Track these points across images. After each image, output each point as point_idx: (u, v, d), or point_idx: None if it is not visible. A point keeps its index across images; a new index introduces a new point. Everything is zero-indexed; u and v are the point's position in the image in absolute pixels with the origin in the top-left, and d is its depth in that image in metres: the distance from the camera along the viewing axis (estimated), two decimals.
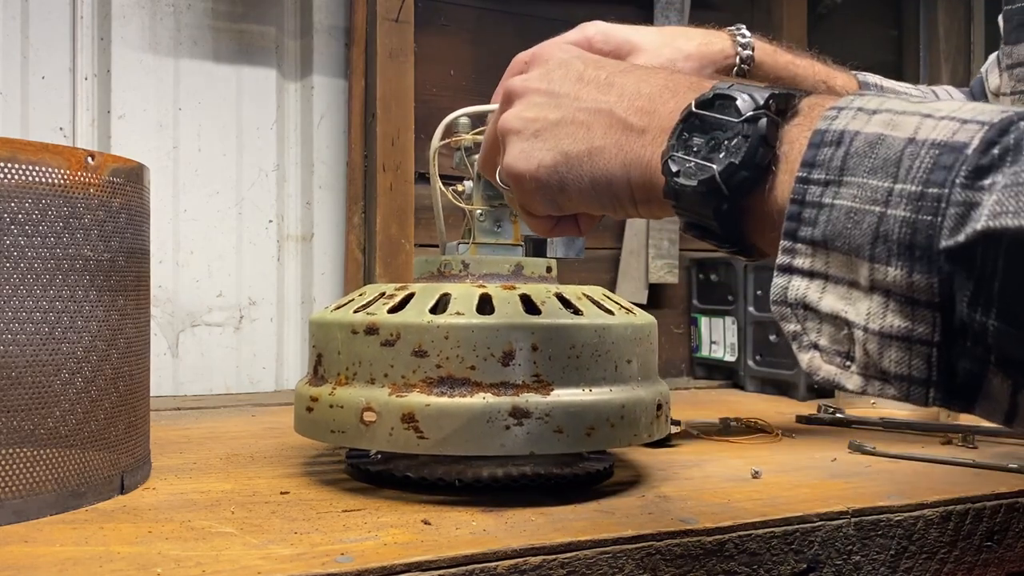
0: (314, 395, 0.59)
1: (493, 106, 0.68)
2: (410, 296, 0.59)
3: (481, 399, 0.54)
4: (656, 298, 1.40)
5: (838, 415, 0.96)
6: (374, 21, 1.19)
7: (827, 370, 0.34)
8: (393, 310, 0.58)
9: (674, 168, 0.38)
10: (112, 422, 0.55)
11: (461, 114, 0.69)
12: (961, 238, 0.29)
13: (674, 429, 0.83)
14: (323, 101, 1.24)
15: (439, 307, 0.58)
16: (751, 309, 1.28)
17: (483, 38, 1.32)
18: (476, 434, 0.54)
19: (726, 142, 0.37)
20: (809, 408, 1.05)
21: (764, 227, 0.37)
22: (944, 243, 0.29)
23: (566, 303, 0.60)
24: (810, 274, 0.34)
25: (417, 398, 0.55)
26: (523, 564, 0.46)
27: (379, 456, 0.65)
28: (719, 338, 1.35)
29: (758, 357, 1.27)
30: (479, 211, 0.69)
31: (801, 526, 0.54)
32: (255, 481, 0.63)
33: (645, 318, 0.63)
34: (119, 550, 0.45)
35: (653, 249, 1.37)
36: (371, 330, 0.57)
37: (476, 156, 0.69)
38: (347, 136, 1.23)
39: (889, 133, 0.32)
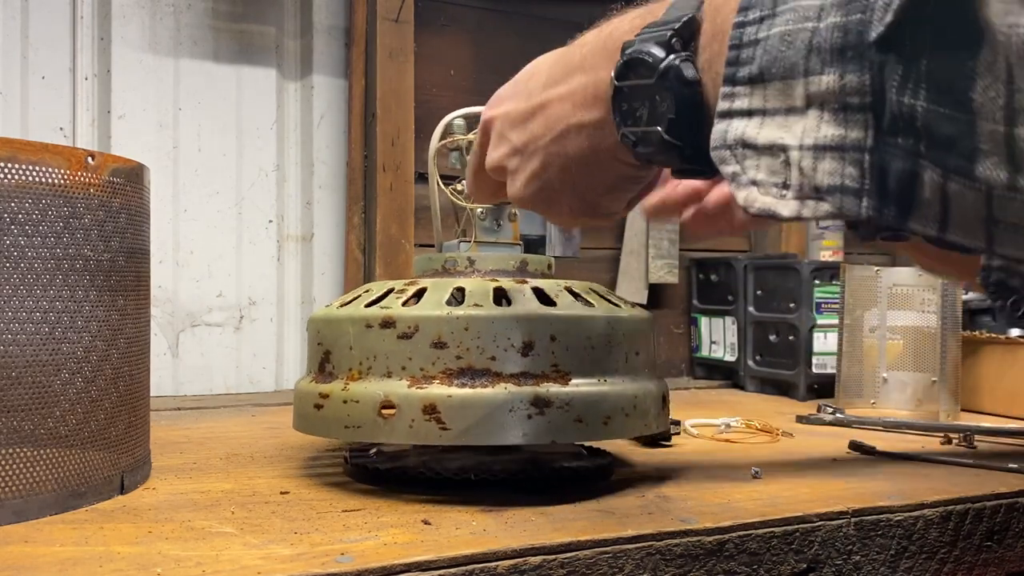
0: (324, 392, 0.58)
1: None
2: (423, 290, 0.59)
3: (503, 389, 0.55)
4: (656, 298, 1.40)
5: (838, 415, 0.96)
6: (374, 21, 1.19)
7: (763, 201, 0.34)
8: (408, 303, 0.58)
9: (632, 139, 0.41)
10: (112, 422, 0.55)
11: (458, 115, 0.69)
12: (890, 16, 0.29)
13: (674, 429, 0.83)
14: (323, 101, 1.24)
15: (453, 300, 0.58)
16: (751, 309, 1.28)
17: (483, 38, 1.32)
18: (499, 424, 0.54)
19: (658, 100, 0.39)
20: (809, 408, 1.05)
21: None
22: (875, 32, 0.30)
23: (576, 295, 0.61)
24: (748, 113, 0.34)
25: (438, 389, 0.55)
26: (523, 564, 0.46)
27: (375, 455, 0.65)
28: (719, 338, 1.35)
29: (758, 357, 1.27)
30: (480, 210, 0.69)
31: (801, 526, 0.54)
32: (255, 481, 0.62)
33: (644, 313, 0.64)
34: (119, 550, 0.45)
35: (653, 249, 1.37)
36: (387, 323, 0.57)
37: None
38: (347, 136, 1.23)
39: None
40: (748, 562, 0.52)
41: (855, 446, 0.78)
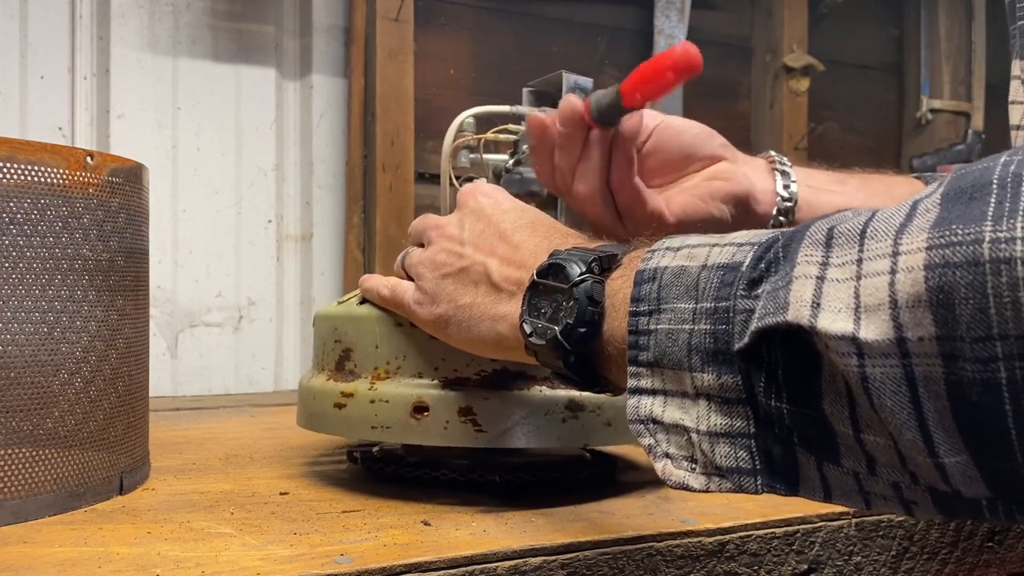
0: (347, 391, 0.57)
1: (502, 107, 0.69)
2: None
3: (539, 392, 0.55)
4: None
5: None
6: (373, 20, 1.19)
7: (677, 475, 0.38)
8: None
9: (528, 329, 0.45)
10: (111, 423, 0.55)
11: (468, 115, 0.69)
12: (747, 339, 0.33)
13: None
14: (322, 100, 1.24)
15: None
16: None
17: (483, 37, 1.31)
18: (535, 427, 0.54)
19: (564, 304, 0.43)
20: None
21: (612, 365, 0.42)
22: (737, 345, 0.34)
23: None
24: (652, 392, 0.39)
25: (474, 391, 0.55)
26: (523, 565, 0.46)
27: (379, 453, 0.65)
28: None
29: None
30: None
31: (802, 527, 0.54)
32: (254, 482, 0.62)
33: None
34: (118, 551, 0.45)
35: None
36: None
37: (490, 156, 0.70)
38: (346, 136, 1.23)
39: (688, 264, 0.38)
40: (749, 563, 0.52)
41: None
